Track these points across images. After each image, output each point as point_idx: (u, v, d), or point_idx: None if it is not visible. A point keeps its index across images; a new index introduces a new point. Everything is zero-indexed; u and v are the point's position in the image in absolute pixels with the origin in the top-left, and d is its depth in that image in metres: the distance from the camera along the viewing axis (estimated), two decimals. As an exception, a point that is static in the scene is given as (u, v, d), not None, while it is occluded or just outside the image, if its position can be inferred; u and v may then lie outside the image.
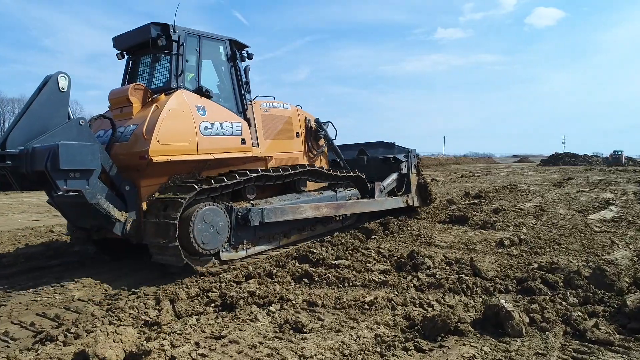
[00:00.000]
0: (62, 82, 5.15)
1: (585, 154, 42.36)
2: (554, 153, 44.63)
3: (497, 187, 15.33)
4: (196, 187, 5.33)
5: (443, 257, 5.62)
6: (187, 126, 5.75)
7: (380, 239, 7.28)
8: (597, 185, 16.79)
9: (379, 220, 8.26)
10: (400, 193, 9.44)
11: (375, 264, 5.45)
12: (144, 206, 5.55)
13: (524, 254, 5.95)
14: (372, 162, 9.60)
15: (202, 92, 6.14)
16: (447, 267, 5.19)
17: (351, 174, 8.23)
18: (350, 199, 8.08)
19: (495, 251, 6.21)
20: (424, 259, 5.26)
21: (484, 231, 7.68)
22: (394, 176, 9.27)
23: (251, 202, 6.30)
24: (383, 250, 6.01)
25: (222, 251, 5.78)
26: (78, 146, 4.61)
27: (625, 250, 6.20)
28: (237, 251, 6.01)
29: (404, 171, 9.44)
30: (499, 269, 5.17)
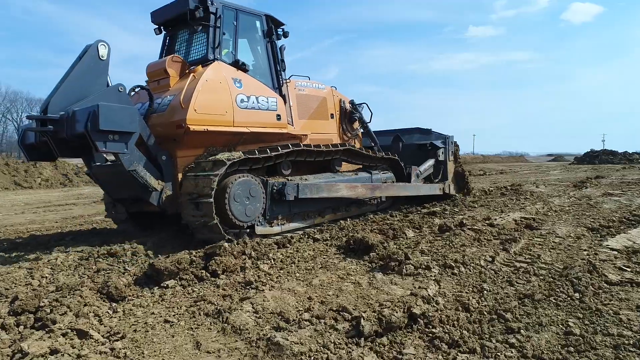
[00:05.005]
0: (102, 51, 5.16)
1: (626, 151, 38.28)
2: (589, 150, 40.66)
3: (491, 189, 11.44)
4: (226, 161, 5.21)
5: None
6: (223, 97, 5.69)
7: (169, 293, 3.68)
8: (633, 186, 12.24)
9: (201, 250, 4.53)
10: (436, 180, 9.14)
11: None
12: (180, 177, 5.51)
13: None
14: (407, 149, 9.30)
15: (238, 65, 6.08)
16: None
17: (386, 156, 7.99)
18: (385, 182, 7.85)
19: (326, 357, 2.56)
20: None
21: (378, 276, 4.05)
22: (431, 162, 8.98)
23: (287, 177, 6.18)
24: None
25: (257, 225, 5.67)
26: (118, 108, 4.61)
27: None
28: (271, 226, 5.89)
29: (442, 158, 9.12)
30: None
